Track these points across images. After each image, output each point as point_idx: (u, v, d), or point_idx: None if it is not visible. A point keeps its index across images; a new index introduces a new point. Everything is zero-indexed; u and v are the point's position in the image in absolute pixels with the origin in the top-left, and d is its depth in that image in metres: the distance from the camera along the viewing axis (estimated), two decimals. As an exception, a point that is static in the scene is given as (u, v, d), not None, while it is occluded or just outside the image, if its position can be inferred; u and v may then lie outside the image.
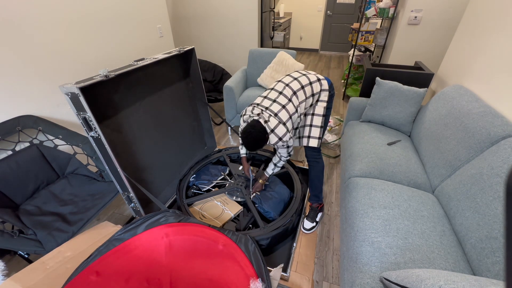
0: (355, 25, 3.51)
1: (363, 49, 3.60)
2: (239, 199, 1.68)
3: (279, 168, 1.55)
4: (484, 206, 1.03)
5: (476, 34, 1.71)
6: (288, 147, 1.34)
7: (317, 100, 1.42)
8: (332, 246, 1.54)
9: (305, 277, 1.35)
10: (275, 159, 1.50)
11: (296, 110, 1.30)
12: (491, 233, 0.96)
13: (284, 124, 1.23)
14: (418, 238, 1.06)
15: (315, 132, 1.46)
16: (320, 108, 1.43)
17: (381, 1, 2.94)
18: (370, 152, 1.61)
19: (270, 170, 1.56)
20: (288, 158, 1.46)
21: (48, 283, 1.08)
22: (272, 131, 1.23)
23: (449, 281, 0.65)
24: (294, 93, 1.31)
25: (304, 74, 1.39)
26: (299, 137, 1.55)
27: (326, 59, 5.57)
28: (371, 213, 1.19)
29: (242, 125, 1.37)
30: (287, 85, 1.33)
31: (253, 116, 1.29)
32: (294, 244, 1.46)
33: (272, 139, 1.25)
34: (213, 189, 1.79)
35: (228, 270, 1.14)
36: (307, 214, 1.64)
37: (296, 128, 1.52)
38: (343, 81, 3.99)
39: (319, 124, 1.45)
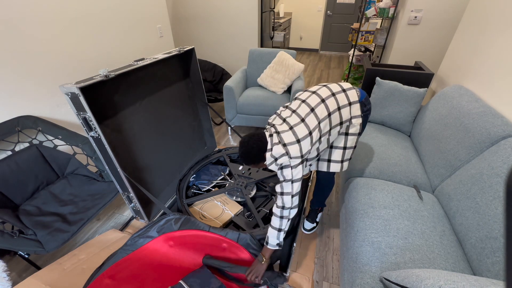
0: (355, 25, 3.50)
1: (363, 49, 3.61)
2: (239, 199, 1.68)
3: (282, 232, 1.12)
4: (484, 206, 1.03)
5: (476, 34, 1.71)
6: (292, 182, 1.04)
7: (351, 118, 1.18)
8: (332, 246, 1.54)
9: (305, 277, 1.35)
10: (274, 207, 1.12)
11: (310, 133, 1.05)
12: (491, 233, 0.96)
13: (285, 145, 1.02)
14: (418, 238, 1.06)
15: (348, 154, 1.28)
16: (355, 128, 1.21)
17: (381, 1, 2.94)
18: (370, 152, 1.61)
19: (271, 238, 1.14)
20: (294, 209, 1.10)
21: (67, 281, 1.12)
22: (271, 148, 1.05)
23: (449, 281, 0.65)
24: (312, 110, 1.08)
25: (324, 85, 1.17)
26: (324, 160, 1.33)
27: (326, 59, 5.57)
28: (371, 213, 1.19)
29: None
30: (303, 101, 1.11)
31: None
32: (294, 244, 1.46)
33: (268, 158, 1.06)
34: (213, 189, 1.79)
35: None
36: (307, 215, 1.64)
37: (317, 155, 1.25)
38: (343, 81, 3.98)
39: (353, 145, 1.27)
